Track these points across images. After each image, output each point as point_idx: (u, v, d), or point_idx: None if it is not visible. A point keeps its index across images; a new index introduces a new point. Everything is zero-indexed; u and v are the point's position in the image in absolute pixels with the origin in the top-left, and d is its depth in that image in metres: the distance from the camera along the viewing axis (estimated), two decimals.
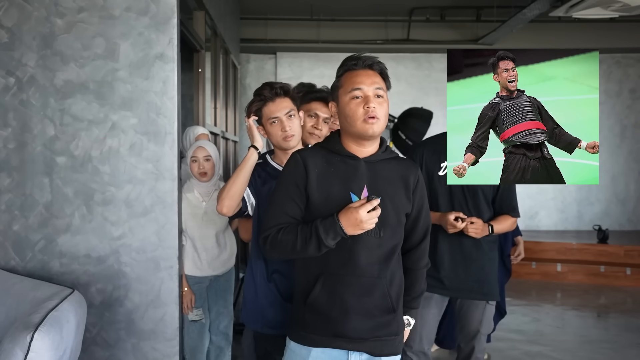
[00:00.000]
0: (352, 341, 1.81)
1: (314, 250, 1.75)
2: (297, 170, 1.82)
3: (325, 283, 1.80)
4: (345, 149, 1.85)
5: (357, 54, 1.87)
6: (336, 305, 1.79)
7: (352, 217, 1.71)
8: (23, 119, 2.57)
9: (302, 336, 1.84)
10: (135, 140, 2.58)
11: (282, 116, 2.24)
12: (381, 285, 1.81)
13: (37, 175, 2.57)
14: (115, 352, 2.60)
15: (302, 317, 1.84)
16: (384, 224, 1.80)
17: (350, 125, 1.81)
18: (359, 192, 1.78)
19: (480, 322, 2.76)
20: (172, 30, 2.58)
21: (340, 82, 1.86)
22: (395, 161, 1.90)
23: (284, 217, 1.81)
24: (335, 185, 1.80)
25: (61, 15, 2.56)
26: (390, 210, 1.82)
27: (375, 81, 1.82)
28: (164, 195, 2.59)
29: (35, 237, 2.58)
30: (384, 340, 1.84)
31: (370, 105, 1.78)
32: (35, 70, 2.56)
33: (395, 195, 1.85)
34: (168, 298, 2.60)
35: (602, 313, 5.63)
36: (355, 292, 1.79)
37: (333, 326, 1.80)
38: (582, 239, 7.57)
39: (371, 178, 1.82)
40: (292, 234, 1.77)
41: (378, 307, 1.81)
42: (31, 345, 1.85)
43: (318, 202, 1.79)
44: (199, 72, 4.93)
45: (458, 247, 2.70)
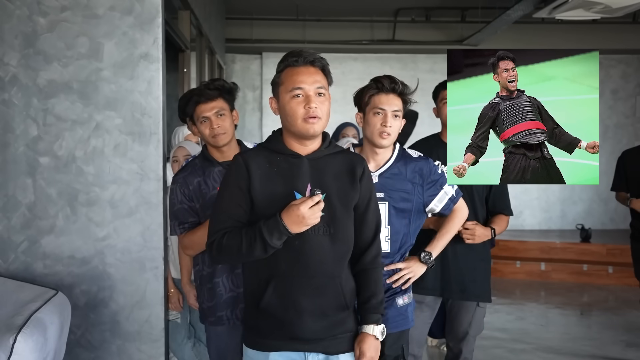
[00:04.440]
0: (308, 342, 1.79)
1: (260, 252, 1.73)
2: (240, 173, 1.79)
3: (276, 287, 1.78)
4: (287, 147, 1.82)
5: (298, 50, 1.83)
6: (289, 308, 1.77)
7: (293, 215, 1.69)
8: (5, 118, 2.54)
9: (258, 342, 1.82)
10: (119, 140, 2.56)
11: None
12: (334, 284, 1.79)
13: (20, 176, 2.55)
14: (100, 354, 2.58)
15: (256, 323, 1.82)
16: (333, 219, 1.78)
17: (291, 125, 1.79)
18: (303, 191, 1.76)
19: (469, 323, 2.77)
20: (156, 29, 2.56)
21: (280, 78, 1.83)
22: (341, 155, 1.88)
23: (229, 221, 1.78)
24: (278, 185, 1.78)
25: (44, 14, 2.53)
26: (337, 205, 1.79)
27: (316, 79, 1.79)
28: (149, 196, 2.57)
29: (18, 238, 2.55)
30: (340, 338, 1.83)
31: (311, 105, 1.76)
32: (18, 69, 2.53)
33: (342, 188, 1.82)
34: (153, 299, 2.59)
35: (585, 311, 5.70)
36: (308, 293, 1.77)
37: (288, 329, 1.78)
38: (566, 238, 7.65)
39: (315, 175, 1.79)
40: (237, 238, 1.74)
41: (332, 306, 1.80)
42: (14, 348, 1.83)
43: (262, 203, 1.77)
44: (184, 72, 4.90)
45: (450, 247, 2.70)
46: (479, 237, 2.65)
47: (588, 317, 5.53)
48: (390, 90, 2.21)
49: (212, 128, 2.35)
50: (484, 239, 2.68)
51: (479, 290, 2.75)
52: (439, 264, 2.72)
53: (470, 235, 2.63)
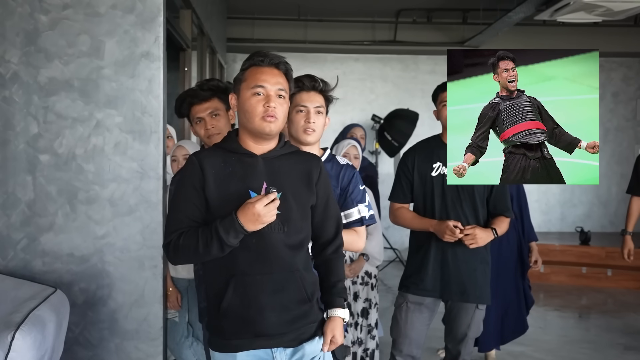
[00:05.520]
0: (273, 337, 1.80)
1: (217, 251, 1.74)
2: (194, 172, 1.81)
3: (236, 285, 1.79)
4: (242, 147, 1.84)
5: (264, 51, 1.86)
6: (251, 305, 1.78)
7: (249, 213, 1.70)
8: (6, 116, 2.54)
9: (224, 344, 1.83)
10: (120, 138, 2.56)
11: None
12: (294, 278, 1.81)
13: (20, 173, 2.55)
14: (98, 352, 2.58)
15: (219, 325, 1.83)
16: (287, 219, 1.80)
17: (248, 121, 1.81)
18: (258, 190, 1.77)
19: (468, 325, 2.77)
20: (158, 28, 2.56)
21: (244, 76, 1.86)
22: (296, 155, 1.91)
23: (184, 221, 1.79)
24: (233, 184, 1.79)
25: (45, 11, 2.53)
26: (292, 204, 1.81)
27: (279, 81, 1.83)
28: (149, 195, 2.57)
29: (18, 235, 2.55)
30: (303, 329, 1.85)
31: (270, 104, 1.79)
32: (19, 67, 2.53)
33: (297, 188, 1.84)
34: (152, 297, 2.59)
35: (584, 313, 5.70)
36: (268, 289, 1.79)
37: (252, 327, 1.79)
38: (565, 240, 7.65)
39: (270, 174, 1.81)
40: (193, 238, 1.75)
41: (293, 300, 1.81)
42: (12, 345, 1.83)
43: (217, 202, 1.78)
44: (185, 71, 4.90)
45: (450, 249, 2.70)
46: (481, 239, 2.64)
47: (587, 319, 5.53)
48: (310, 88, 2.22)
49: (206, 129, 2.38)
50: (486, 240, 2.67)
51: (479, 292, 2.75)
52: (438, 266, 2.72)
53: (471, 240, 2.62)
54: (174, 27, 4.22)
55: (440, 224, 2.63)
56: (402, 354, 2.77)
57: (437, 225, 2.63)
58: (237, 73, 1.91)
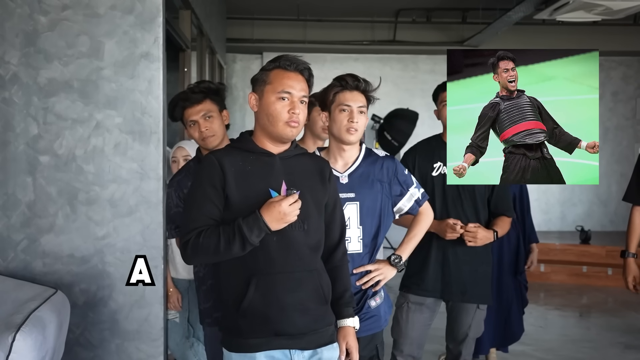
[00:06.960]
0: (293, 338, 1.81)
1: (238, 249, 1.75)
2: (214, 171, 1.82)
3: (258, 284, 1.79)
4: (259, 146, 1.87)
5: (292, 55, 1.88)
6: (273, 304, 1.79)
7: (274, 212, 1.73)
8: (5, 117, 2.54)
9: (242, 344, 1.82)
10: (120, 139, 2.56)
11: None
12: (312, 278, 1.84)
13: (20, 174, 2.55)
14: (99, 353, 2.58)
15: (237, 325, 1.82)
16: (307, 216, 1.83)
17: (271, 124, 1.83)
18: (277, 188, 1.80)
19: (469, 326, 2.77)
20: (157, 29, 2.56)
21: (269, 77, 1.86)
22: (307, 156, 1.96)
23: (203, 220, 1.80)
24: (253, 183, 1.81)
25: (45, 12, 2.53)
26: (310, 202, 1.85)
27: (303, 87, 1.86)
28: (149, 195, 2.57)
29: (18, 236, 2.55)
30: (321, 332, 1.86)
31: (296, 110, 1.82)
32: (18, 68, 2.53)
33: (313, 187, 1.88)
34: (153, 298, 2.59)
35: (584, 313, 5.70)
36: (289, 287, 1.80)
37: (272, 326, 1.79)
38: (565, 239, 7.65)
39: (288, 173, 1.84)
40: (214, 236, 1.76)
41: (312, 299, 1.83)
42: (13, 346, 1.83)
43: (238, 201, 1.79)
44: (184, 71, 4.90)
45: (451, 249, 2.70)
46: (481, 239, 2.64)
47: (587, 318, 5.53)
48: (354, 87, 2.22)
49: (200, 131, 2.39)
50: (485, 241, 2.67)
51: (480, 292, 2.75)
52: (439, 266, 2.72)
53: (472, 237, 2.62)
54: (174, 27, 4.22)
55: (440, 223, 2.63)
56: (402, 354, 2.77)
57: (438, 224, 2.63)
58: (258, 72, 1.91)
